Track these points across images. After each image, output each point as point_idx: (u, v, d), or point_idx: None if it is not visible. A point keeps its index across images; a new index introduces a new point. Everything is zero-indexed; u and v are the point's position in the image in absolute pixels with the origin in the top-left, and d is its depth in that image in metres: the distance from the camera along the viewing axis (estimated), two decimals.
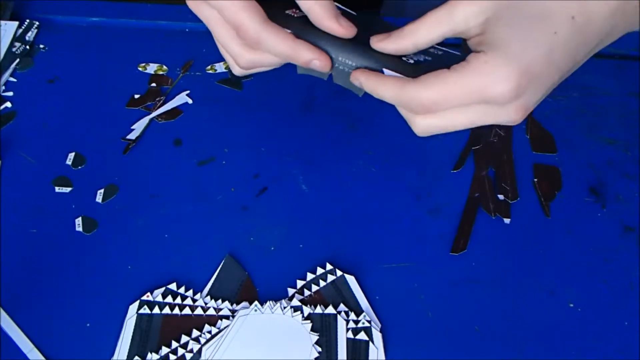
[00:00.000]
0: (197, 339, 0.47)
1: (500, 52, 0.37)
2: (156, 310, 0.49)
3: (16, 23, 0.67)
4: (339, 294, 0.50)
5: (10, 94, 0.63)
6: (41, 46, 0.67)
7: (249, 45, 0.43)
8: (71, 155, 0.58)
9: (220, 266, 0.51)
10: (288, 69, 0.46)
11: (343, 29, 0.42)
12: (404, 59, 0.41)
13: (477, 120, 0.40)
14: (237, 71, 0.46)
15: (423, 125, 0.41)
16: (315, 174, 0.57)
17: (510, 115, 0.39)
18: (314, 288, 0.50)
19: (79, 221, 0.54)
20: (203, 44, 0.66)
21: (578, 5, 0.38)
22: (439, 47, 0.43)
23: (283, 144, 0.59)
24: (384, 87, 0.41)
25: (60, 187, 0.56)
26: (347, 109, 0.61)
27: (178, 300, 0.49)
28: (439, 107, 0.39)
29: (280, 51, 0.42)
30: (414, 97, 0.39)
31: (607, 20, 0.39)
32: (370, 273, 0.51)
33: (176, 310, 0.49)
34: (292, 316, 0.48)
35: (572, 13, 0.38)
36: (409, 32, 0.40)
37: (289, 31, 0.42)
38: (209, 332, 0.47)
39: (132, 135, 0.60)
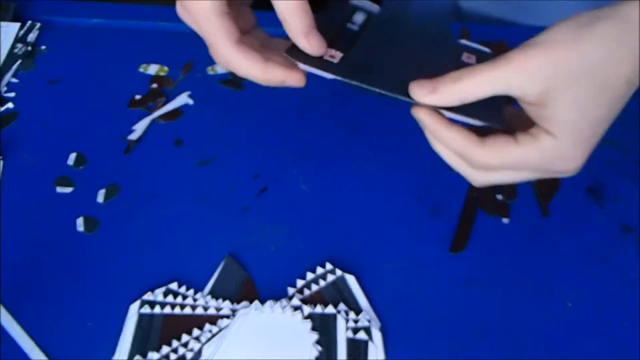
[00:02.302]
0: (197, 338, 0.47)
1: (568, 136, 0.38)
2: (157, 309, 0.49)
3: (18, 24, 0.67)
4: (338, 294, 0.50)
5: (12, 94, 0.63)
6: (43, 47, 0.67)
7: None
8: (72, 156, 0.58)
9: (221, 266, 0.51)
10: None
11: (311, 46, 0.40)
12: None
13: (535, 178, 0.41)
14: None
15: (481, 180, 0.42)
16: (315, 174, 0.57)
17: (565, 175, 0.41)
18: (314, 287, 0.50)
19: (80, 221, 0.54)
20: (203, 45, 0.66)
21: (631, 64, 0.37)
22: (468, 46, 0.43)
23: (283, 144, 0.59)
24: (450, 138, 0.40)
25: (62, 187, 0.56)
26: (347, 109, 0.62)
27: (179, 299, 0.49)
28: (498, 169, 0.40)
29: (252, 75, 0.41)
30: (479, 159, 0.40)
31: None
32: (370, 273, 0.51)
33: (177, 310, 0.49)
34: (292, 316, 0.48)
35: (627, 75, 0.37)
36: (457, 90, 0.39)
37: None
38: (210, 331, 0.48)
39: (133, 136, 0.60)
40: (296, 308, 0.48)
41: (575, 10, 0.40)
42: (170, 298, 0.49)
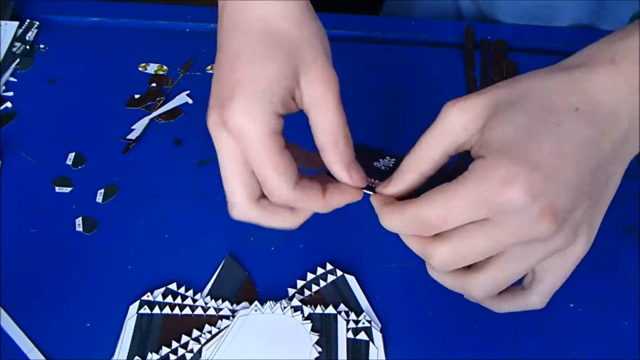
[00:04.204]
0: (197, 339, 0.47)
1: (501, 153, 0.34)
2: (156, 310, 0.49)
3: (16, 23, 0.67)
4: (339, 294, 0.50)
5: (11, 94, 0.63)
6: (41, 46, 0.67)
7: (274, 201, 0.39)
8: (71, 155, 0.58)
9: (221, 266, 0.51)
10: None
11: (352, 180, 0.40)
12: None
13: (503, 238, 0.34)
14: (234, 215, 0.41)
15: (439, 256, 0.37)
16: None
17: (535, 221, 0.33)
18: (314, 288, 0.50)
19: (79, 221, 0.54)
20: (203, 44, 0.66)
21: (579, 95, 0.35)
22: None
23: None
24: (389, 216, 0.38)
25: (61, 187, 0.56)
26: (347, 109, 0.61)
27: (178, 300, 0.49)
28: (447, 223, 0.35)
29: (314, 209, 0.40)
30: (418, 216, 0.36)
31: (620, 106, 0.35)
32: (370, 273, 0.51)
33: (176, 310, 0.49)
34: (293, 316, 0.48)
35: (575, 104, 0.34)
36: (407, 169, 0.38)
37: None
38: (209, 332, 0.47)
39: (132, 135, 0.60)
40: (296, 309, 0.48)
41: (577, 9, 0.38)
42: (169, 299, 0.49)
